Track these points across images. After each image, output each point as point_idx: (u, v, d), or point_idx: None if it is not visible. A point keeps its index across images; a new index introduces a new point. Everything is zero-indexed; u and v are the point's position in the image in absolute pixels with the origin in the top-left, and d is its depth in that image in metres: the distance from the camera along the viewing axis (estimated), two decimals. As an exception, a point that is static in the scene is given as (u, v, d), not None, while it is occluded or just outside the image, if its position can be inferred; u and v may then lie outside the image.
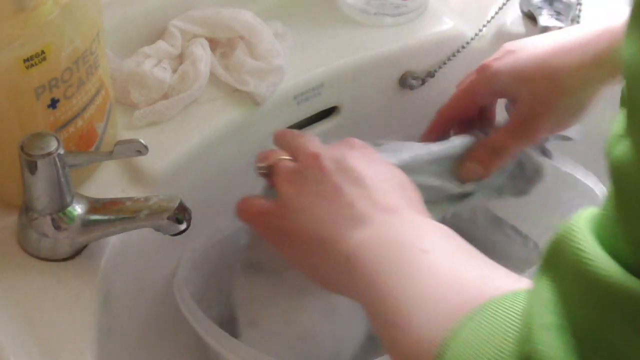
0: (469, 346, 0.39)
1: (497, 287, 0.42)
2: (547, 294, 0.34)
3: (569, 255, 0.33)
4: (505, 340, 0.37)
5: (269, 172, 0.59)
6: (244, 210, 0.58)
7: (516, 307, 0.38)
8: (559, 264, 0.34)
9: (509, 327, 0.37)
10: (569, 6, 0.78)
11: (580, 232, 0.33)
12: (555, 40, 0.65)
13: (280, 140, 0.61)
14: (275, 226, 0.56)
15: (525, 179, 0.69)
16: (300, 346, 0.64)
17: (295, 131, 0.60)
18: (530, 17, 0.80)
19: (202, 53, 0.68)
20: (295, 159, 0.58)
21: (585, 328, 0.33)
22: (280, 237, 0.56)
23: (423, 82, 0.78)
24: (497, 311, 0.39)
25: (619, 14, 0.80)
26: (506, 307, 0.39)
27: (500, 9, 0.79)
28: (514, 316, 0.38)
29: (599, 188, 0.70)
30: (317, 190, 0.54)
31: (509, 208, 0.79)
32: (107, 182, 0.63)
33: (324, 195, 0.54)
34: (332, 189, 0.54)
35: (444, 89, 0.80)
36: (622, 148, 0.30)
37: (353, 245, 0.51)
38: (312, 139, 0.59)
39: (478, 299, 0.41)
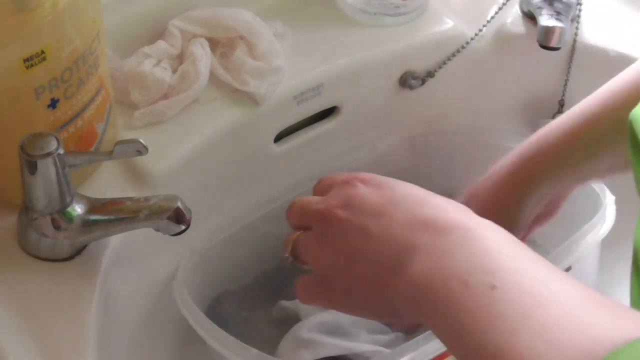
0: None
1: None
2: None
3: None
4: None
5: (295, 255, 0.54)
6: (298, 292, 0.54)
7: None
8: None
9: None
10: (569, 6, 0.78)
11: None
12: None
13: (289, 217, 0.55)
14: (325, 297, 0.52)
15: None
16: None
17: (299, 200, 0.55)
18: (530, 17, 0.80)
19: (202, 53, 0.68)
20: (309, 227, 0.52)
21: None
22: (332, 302, 0.52)
23: (423, 82, 0.78)
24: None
25: (618, 15, 0.81)
26: None
27: (500, 9, 0.79)
28: None
29: (603, 192, 0.70)
30: (345, 244, 0.49)
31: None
32: (107, 182, 0.63)
33: (355, 245, 0.49)
34: (359, 234, 0.48)
35: (444, 89, 0.80)
36: None
37: (412, 285, 0.44)
38: (312, 200, 0.54)
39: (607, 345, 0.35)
